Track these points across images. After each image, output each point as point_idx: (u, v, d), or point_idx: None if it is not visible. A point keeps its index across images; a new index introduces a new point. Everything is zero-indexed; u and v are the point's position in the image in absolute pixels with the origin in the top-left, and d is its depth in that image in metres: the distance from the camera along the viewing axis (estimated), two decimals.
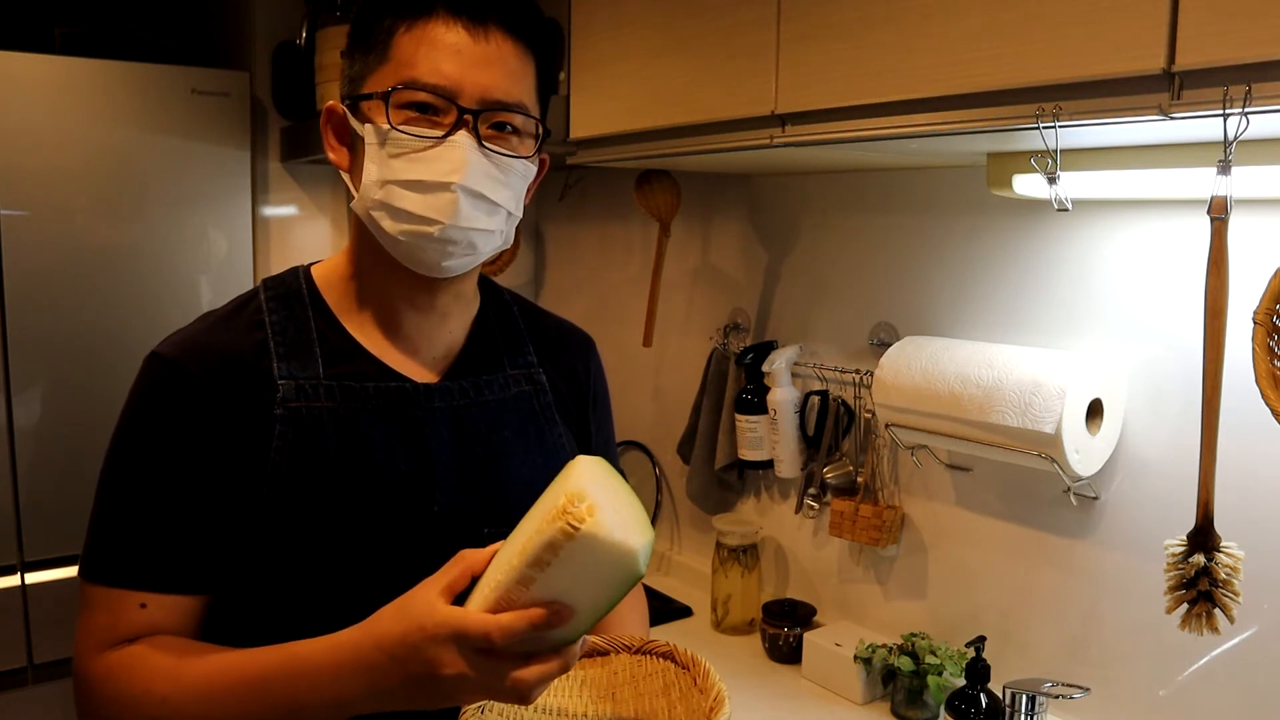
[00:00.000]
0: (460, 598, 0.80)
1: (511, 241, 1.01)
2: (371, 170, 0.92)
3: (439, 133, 0.91)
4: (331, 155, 0.99)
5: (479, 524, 0.99)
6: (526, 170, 0.97)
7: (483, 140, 0.92)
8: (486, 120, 0.93)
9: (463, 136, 0.91)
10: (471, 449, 1.00)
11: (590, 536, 0.73)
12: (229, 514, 0.92)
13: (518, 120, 0.95)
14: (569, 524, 0.73)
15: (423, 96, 0.91)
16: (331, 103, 0.98)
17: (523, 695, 0.77)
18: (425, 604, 0.79)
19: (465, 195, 0.91)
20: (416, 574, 0.95)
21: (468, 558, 0.81)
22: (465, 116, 0.91)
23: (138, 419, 0.93)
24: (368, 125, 0.92)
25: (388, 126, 0.91)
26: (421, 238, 0.92)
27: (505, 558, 0.78)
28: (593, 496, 0.75)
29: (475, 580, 0.80)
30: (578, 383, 1.12)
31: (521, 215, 0.99)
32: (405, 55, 0.91)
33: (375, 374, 0.97)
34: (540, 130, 0.98)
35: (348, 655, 0.82)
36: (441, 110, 0.91)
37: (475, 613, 0.77)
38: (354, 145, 0.96)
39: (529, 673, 0.76)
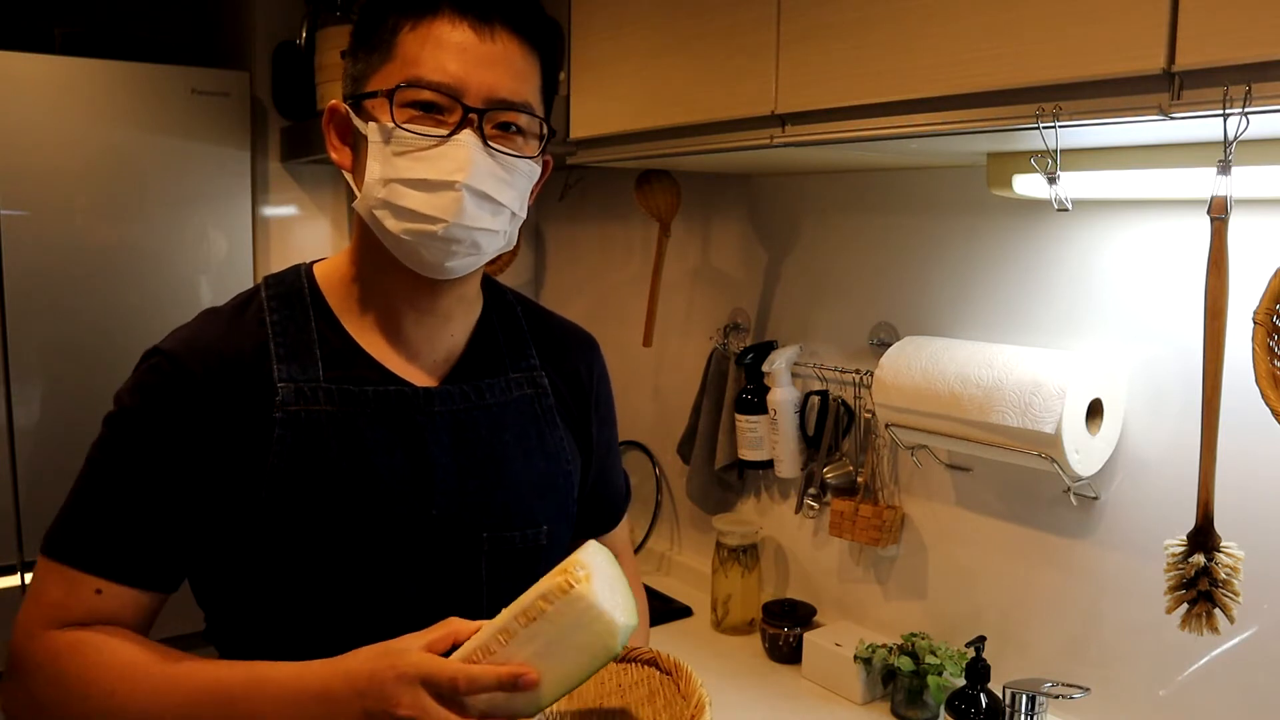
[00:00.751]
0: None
1: (515, 242, 1.00)
2: (375, 169, 0.91)
3: (444, 131, 0.90)
4: (334, 155, 0.98)
5: (478, 528, 0.98)
6: (531, 170, 0.97)
7: (487, 140, 0.91)
8: (491, 120, 0.92)
9: (467, 135, 0.90)
10: (471, 453, 0.99)
11: (580, 598, 0.79)
12: (223, 513, 0.92)
13: (522, 120, 0.94)
14: (566, 581, 0.79)
15: (427, 95, 0.90)
16: (334, 102, 0.97)
17: None
18: (402, 648, 0.81)
19: (470, 194, 0.90)
20: (415, 577, 0.95)
21: (454, 624, 0.84)
22: (470, 115, 0.90)
23: (133, 410, 0.92)
24: (371, 124, 0.92)
25: (392, 125, 0.90)
26: (425, 236, 0.91)
27: (493, 621, 0.82)
28: (593, 570, 0.81)
29: (455, 647, 0.83)
30: (580, 385, 1.11)
31: (525, 216, 0.99)
32: (410, 54, 0.91)
33: (375, 378, 0.96)
34: (545, 130, 0.98)
35: (312, 683, 0.82)
36: (446, 109, 0.91)
37: (446, 660, 0.80)
38: (357, 145, 0.95)
39: None
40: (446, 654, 0.82)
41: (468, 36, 0.91)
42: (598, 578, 0.80)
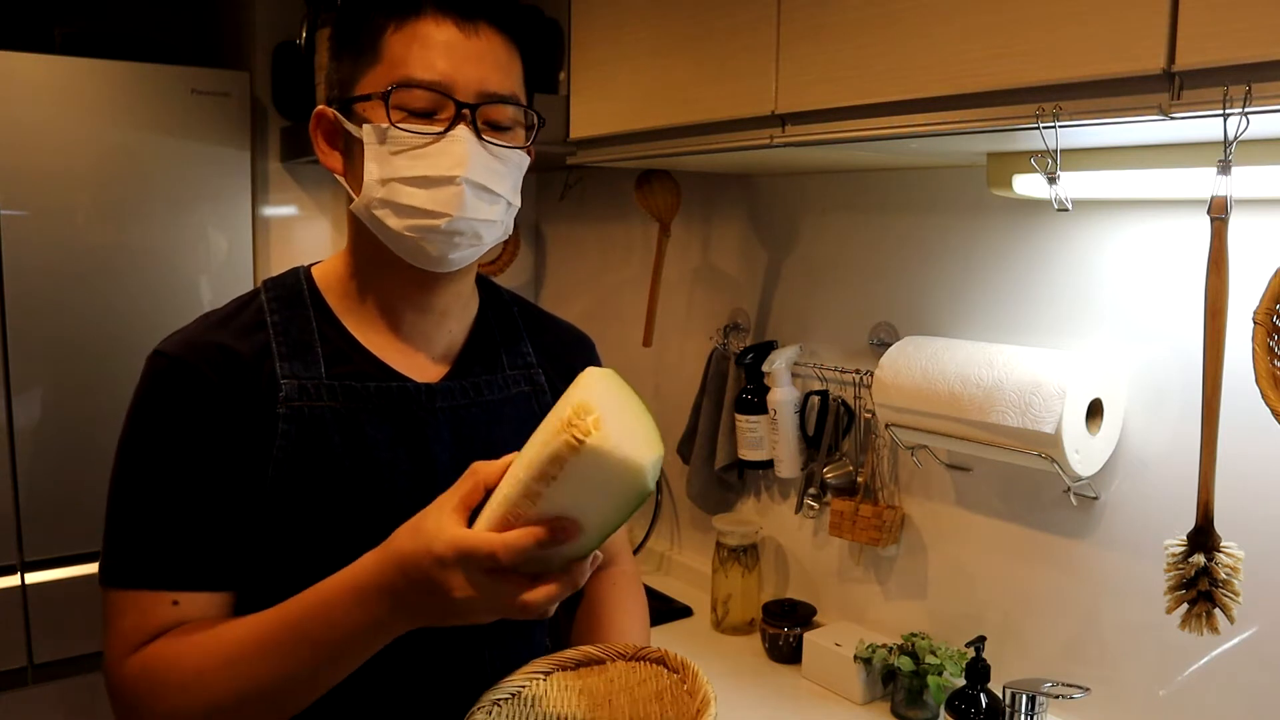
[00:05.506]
0: (476, 513, 0.79)
1: (511, 231, 1.02)
2: (373, 170, 0.93)
3: (439, 128, 0.92)
4: (323, 160, 0.99)
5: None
6: (522, 160, 0.99)
7: (480, 134, 0.93)
8: (483, 114, 0.94)
9: (462, 131, 0.92)
10: (471, 448, 1.00)
11: (595, 450, 0.72)
12: (233, 510, 0.92)
13: (510, 114, 0.96)
14: (574, 437, 0.72)
15: (420, 94, 0.91)
16: (320, 107, 0.98)
17: (533, 613, 0.78)
18: (435, 525, 0.78)
19: (470, 188, 0.92)
20: None
21: (480, 471, 0.80)
22: (464, 111, 0.92)
23: (146, 418, 0.93)
24: (365, 126, 0.93)
25: (387, 125, 0.91)
26: (429, 231, 0.93)
27: (514, 471, 0.77)
28: (600, 409, 0.74)
29: (489, 494, 0.79)
30: None
31: (519, 204, 1.00)
32: (398, 54, 0.92)
33: (376, 374, 0.97)
34: (533, 120, 0.99)
35: (368, 578, 0.81)
36: (438, 106, 0.92)
37: (481, 533, 0.76)
38: (348, 148, 0.96)
39: (537, 594, 0.76)
40: (479, 508, 0.80)
41: (453, 34, 0.92)
42: (609, 420, 0.73)
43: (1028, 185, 1.30)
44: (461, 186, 0.91)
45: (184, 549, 0.91)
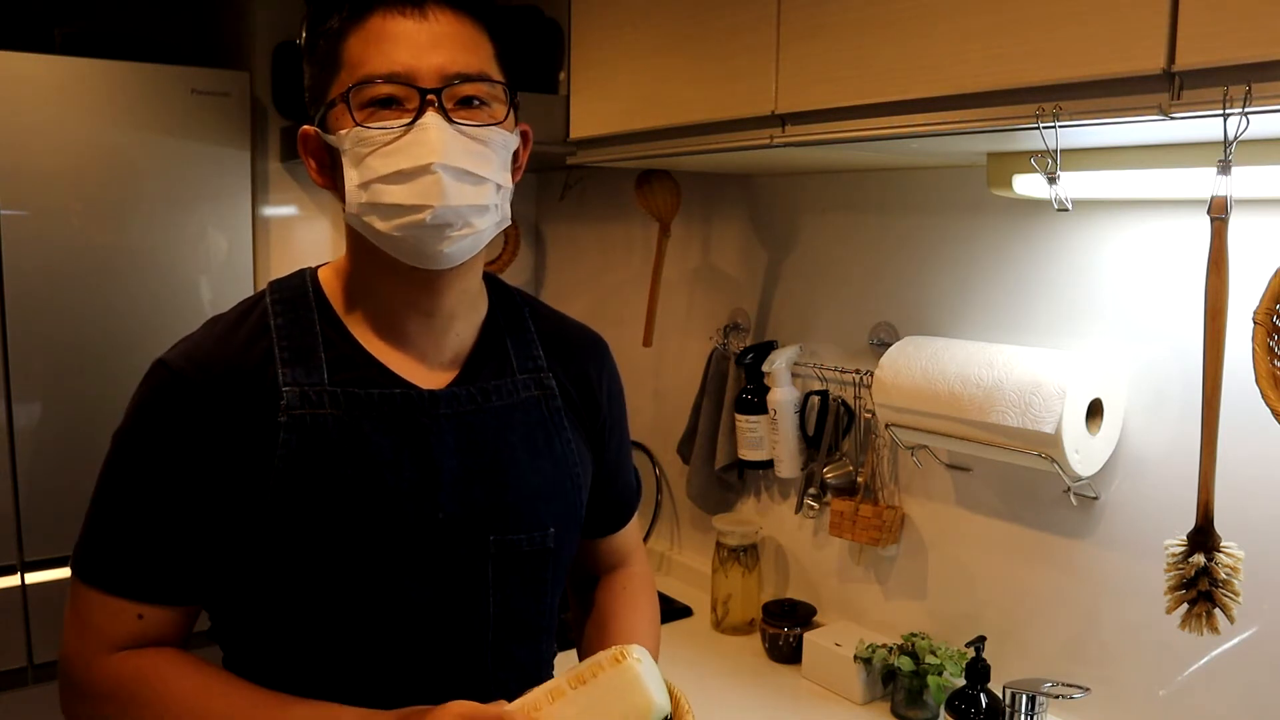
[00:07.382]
0: None
1: (509, 217, 0.98)
2: (352, 175, 0.91)
3: (406, 119, 0.89)
4: (316, 180, 0.98)
5: (484, 531, 0.98)
6: (506, 139, 0.95)
7: (451, 117, 0.90)
8: (451, 96, 0.91)
9: (430, 117, 0.89)
10: (478, 455, 0.98)
11: (630, 669, 0.89)
12: (232, 521, 0.92)
13: (483, 90, 0.93)
14: (621, 653, 0.89)
15: (382, 89, 0.90)
16: (304, 127, 0.97)
17: None
18: (446, 704, 0.87)
19: (447, 173, 0.89)
20: (421, 580, 0.95)
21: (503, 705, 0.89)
22: (429, 97, 0.89)
23: (139, 427, 0.93)
24: (339, 133, 0.92)
25: (355, 125, 0.90)
26: (416, 227, 0.90)
27: (547, 683, 0.91)
28: (645, 660, 0.91)
29: None
30: (589, 387, 1.10)
31: (513, 188, 0.97)
32: (355, 57, 0.91)
33: (380, 380, 0.96)
34: (509, 96, 0.96)
35: (353, 715, 0.89)
36: (404, 99, 0.90)
37: (492, 706, 0.87)
38: (333, 162, 0.95)
39: None
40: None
41: (406, 25, 0.91)
42: (648, 665, 0.90)
43: (1028, 185, 1.30)
44: (438, 174, 0.88)
45: (154, 565, 0.92)
